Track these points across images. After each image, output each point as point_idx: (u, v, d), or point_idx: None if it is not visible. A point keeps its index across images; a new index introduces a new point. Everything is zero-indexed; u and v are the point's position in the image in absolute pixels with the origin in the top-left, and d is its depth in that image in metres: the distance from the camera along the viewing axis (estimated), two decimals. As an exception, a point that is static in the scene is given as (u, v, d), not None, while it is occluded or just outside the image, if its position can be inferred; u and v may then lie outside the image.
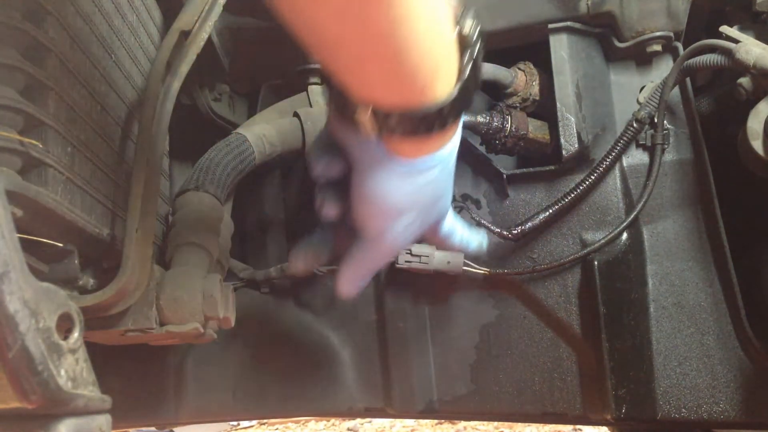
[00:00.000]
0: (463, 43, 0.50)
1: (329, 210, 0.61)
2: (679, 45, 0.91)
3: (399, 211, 0.57)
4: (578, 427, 2.12)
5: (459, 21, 0.49)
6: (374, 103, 0.48)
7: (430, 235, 0.68)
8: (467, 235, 0.73)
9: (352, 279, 0.64)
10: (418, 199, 0.57)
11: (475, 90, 0.52)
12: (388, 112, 0.48)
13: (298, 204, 1.09)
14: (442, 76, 0.48)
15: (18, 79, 0.56)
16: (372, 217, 0.58)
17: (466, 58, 0.50)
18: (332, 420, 3.00)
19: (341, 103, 0.51)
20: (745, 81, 0.82)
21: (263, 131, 0.94)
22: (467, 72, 0.50)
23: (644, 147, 0.93)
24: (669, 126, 0.93)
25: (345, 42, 0.43)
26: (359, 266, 0.63)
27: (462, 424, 2.73)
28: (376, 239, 0.60)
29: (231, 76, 1.03)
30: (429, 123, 0.49)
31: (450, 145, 0.56)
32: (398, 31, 0.42)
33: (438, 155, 0.54)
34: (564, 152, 0.91)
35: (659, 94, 0.90)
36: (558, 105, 0.91)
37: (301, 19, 0.43)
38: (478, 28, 0.50)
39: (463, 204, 0.99)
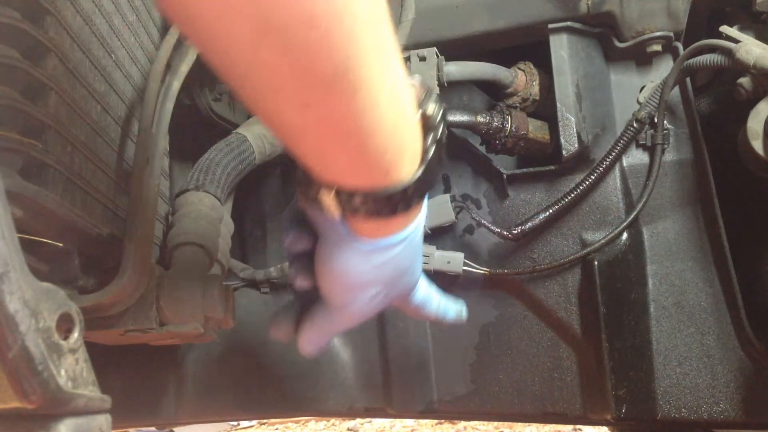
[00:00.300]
0: (427, 124, 0.50)
1: (302, 282, 0.61)
2: (679, 45, 0.91)
3: (361, 286, 0.57)
4: (578, 427, 2.12)
5: (422, 104, 0.50)
6: (337, 185, 0.48)
7: (401, 306, 0.69)
8: (444, 304, 0.73)
9: (313, 341, 0.64)
10: (380, 275, 0.57)
11: (440, 171, 0.52)
12: (351, 193, 0.48)
13: (298, 204, 1.09)
14: (406, 158, 0.48)
15: (18, 79, 0.56)
16: (335, 290, 0.58)
17: (430, 139, 0.50)
18: (332, 420, 3.00)
19: (305, 183, 0.50)
20: (745, 81, 0.82)
21: (263, 131, 0.94)
22: (431, 153, 0.50)
23: (644, 147, 0.93)
24: (669, 126, 0.93)
25: (308, 131, 0.43)
26: (322, 330, 0.63)
27: (462, 424, 2.73)
28: (340, 309, 0.60)
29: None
30: (393, 204, 0.49)
31: (414, 224, 0.55)
32: (362, 119, 0.42)
33: (401, 234, 0.54)
34: (564, 152, 0.91)
35: (659, 94, 0.90)
36: (558, 105, 0.91)
37: (264, 108, 0.42)
38: (441, 110, 0.51)
39: (463, 204, 0.99)
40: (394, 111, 0.44)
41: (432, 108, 0.50)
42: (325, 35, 0.35)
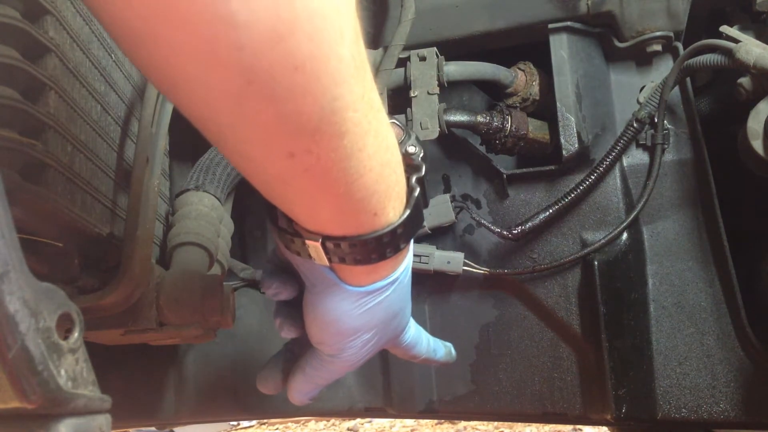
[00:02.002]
0: (409, 163, 0.50)
1: (288, 332, 0.61)
2: (679, 45, 0.91)
3: (353, 332, 0.56)
4: (578, 427, 2.12)
5: (402, 143, 0.50)
6: (323, 234, 0.47)
7: (392, 348, 0.68)
8: (433, 343, 0.72)
9: (304, 391, 0.64)
10: (372, 320, 0.56)
11: (423, 210, 0.52)
12: (338, 240, 0.47)
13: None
14: (393, 199, 0.47)
15: (18, 79, 0.56)
16: (326, 339, 0.57)
17: (414, 178, 0.50)
18: (332, 420, 3.00)
19: (288, 233, 0.49)
20: (745, 81, 0.82)
21: (263, 131, 0.94)
22: (416, 192, 0.50)
23: (644, 147, 0.93)
24: (669, 126, 0.93)
25: (293, 182, 0.41)
26: (313, 380, 0.62)
27: (462, 424, 2.73)
28: (331, 357, 0.59)
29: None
30: (382, 248, 0.48)
31: (403, 265, 0.55)
32: (349, 163, 0.41)
33: (391, 277, 0.54)
34: (564, 152, 0.91)
35: (659, 94, 0.90)
36: (558, 105, 0.91)
37: (247, 160, 0.40)
38: (422, 152, 0.51)
39: (463, 204, 0.99)
40: (380, 152, 0.43)
41: (413, 147, 0.50)
42: (311, 78, 0.35)
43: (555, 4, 0.91)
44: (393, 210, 0.48)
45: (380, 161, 0.44)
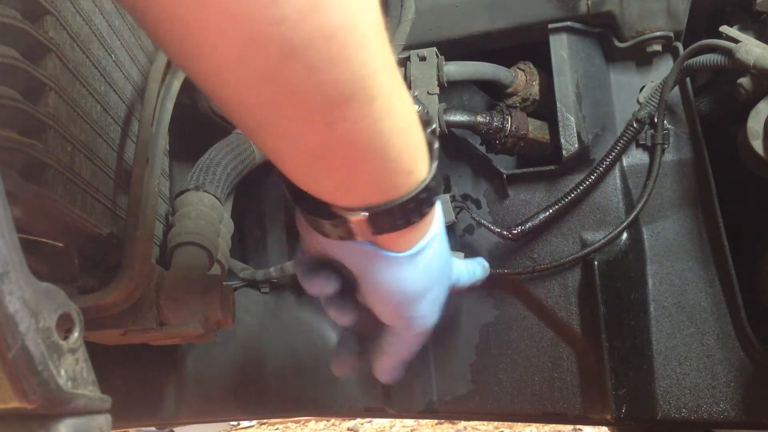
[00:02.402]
0: (422, 118, 0.50)
1: (345, 322, 0.61)
2: (679, 45, 0.90)
3: (421, 294, 0.56)
4: (578, 427, 2.12)
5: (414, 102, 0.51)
6: (365, 206, 0.48)
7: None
8: (470, 267, 0.72)
9: (392, 369, 0.64)
10: (432, 275, 0.56)
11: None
12: (384, 209, 0.48)
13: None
14: (420, 155, 0.49)
15: (18, 79, 0.56)
16: (397, 311, 0.57)
17: (429, 131, 0.51)
18: (332, 420, 3.00)
19: (328, 218, 0.49)
20: (745, 81, 0.82)
21: (263, 131, 0.94)
22: (436, 143, 0.51)
23: (644, 147, 0.93)
24: (669, 126, 0.93)
25: (332, 153, 0.43)
26: (397, 357, 0.63)
27: (462, 424, 2.73)
28: (407, 327, 0.59)
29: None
30: (420, 205, 0.49)
31: (438, 215, 0.55)
32: (383, 125, 0.43)
33: (434, 228, 0.55)
34: (564, 152, 0.91)
35: (659, 94, 0.90)
36: (558, 105, 0.91)
37: (287, 140, 0.42)
38: (425, 107, 0.53)
39: (463, 204, 0.99)
40: (405, 112, 0.45)
41: (417, 105, 0.51)
42: (344, 46, 0.37)
43: (555, 4, 0.91)
44: (423, 165, 0.49)
45: (407, 121, 0.46)
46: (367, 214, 0.48)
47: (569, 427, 2.14)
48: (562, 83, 0.91)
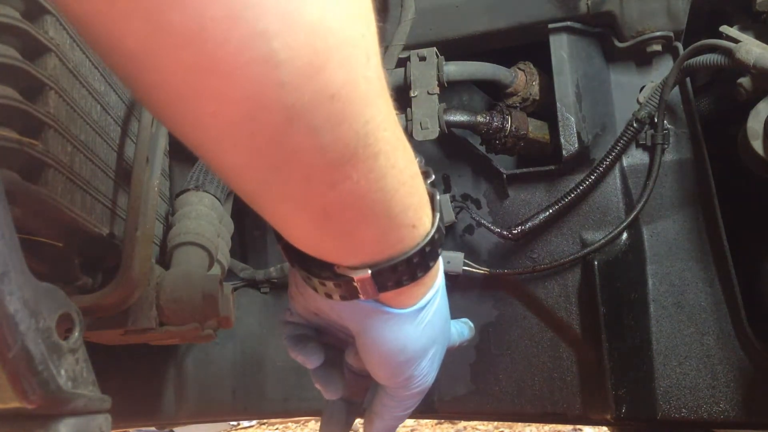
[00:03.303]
0: (422, 170, 0.50)
1: (332, 394, 0.61)
2: (679, 45, 0.90)
3: (422, 353, 0.55)
4: (578, 427, 2.12)
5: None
6: (369, 263, 0.46)
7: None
8: (459, 328, 0.72)
9: (388, 431, 0.62)
10: (434, 332, 0.55)
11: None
12: (387, 266, 0.46)
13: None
14: (424, 207, 0.48)
15: (18, 79, 0.56)
16: (395, 372, 0.55)
17: (429, 182, 0.50)
18: (332, 420, 3.00)
19: (325, 276, 0.48)
20: (745, 81, 0.82)
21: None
22: (437, 195, 0.50)
23: (644, 147, 0.93)
24: (669, 126, 0.93)
25: (336, 213, 0.41)
26: (393, 420, 0.61)
27: (462, 424, 2.73)
28: (404, 388, 0.58)
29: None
30: (425, 259, 0.48)
31: (441, 269, 0.54)
32: (386, 182, 0.41)
33: (435, 285, 0.53)
34: (564, 152, 0.91)
35: (659, 94, 0.90)
36: (558, 105, 0.91)
37: (287, 202, 0.40)
38: (424, 161, 0.52)
39: (463, 204, 0.99)
40: (408, 165, 0.44)
41: (417, 155, 0.51)
42: (346, 104, 0.35)
43: (555, 4, 0.91)
44: (426, 217, 0.48)
45: (409, 174, 0.44)
46: (370, 271, 0.46)
47: (569, 427, 2.14)
48: (562, 83, 0.91)
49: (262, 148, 0.35)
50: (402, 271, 0.47)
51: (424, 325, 0.53)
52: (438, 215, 0.49)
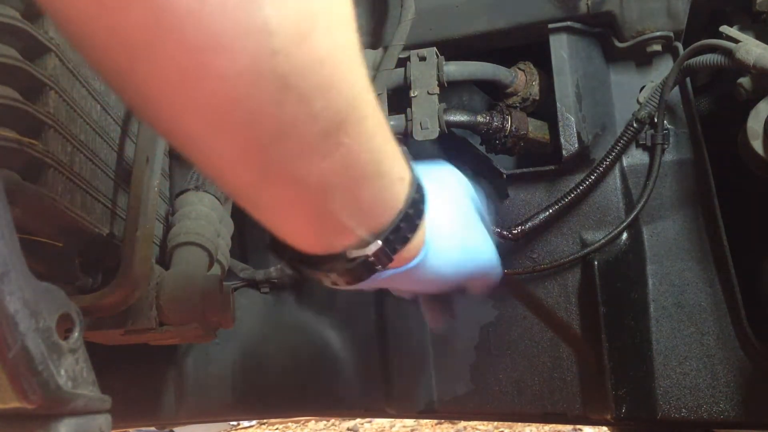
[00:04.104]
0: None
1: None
2: (679, 45, 0.90)
3: (462, 260, 0.59)
4: (578, 427, 2.12)
5: None
6: (375, 231, 0.47)
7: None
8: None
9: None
10: (455, 231, 0.58)
11: None
12: (390, 229, 0.47)
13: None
14: (400, 157, 0.48)
15: (18, 79, 0.56)
16: (462, 282, 0.63)
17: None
18: (332, 420, 3.00)
19: (331, 267, 0.48)
20: (745, 81, 0.82)
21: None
22: (404, 147, 0.51)
23: (644, 147, 0.93)
24: (669, 126, 0.93)
25: (333, 182, 0.41)
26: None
27: (462, 424, 2.73)
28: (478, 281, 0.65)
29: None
30: (417, 204, 0.49)
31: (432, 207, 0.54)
32: (374, 143, 0.43)
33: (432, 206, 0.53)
34: (564, 152, 0.91)
35: (659, 94, 0.90)
36: (558, 105, 0.91)
37: (287, 177, 0.40)
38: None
39: (463, 204, 0.99)
40: (385, 122, 0.45)
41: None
42: (335, 68, 0.36)
43: (555, 4, 0.91)
44: (406, 167, 0.49)
45: (390, 132, 0.46)
46: (380, 241, 0.47)
47: (569, 427, 2.14)
48: (562, 83, 0.91)
49: (258, 124, 0.35)
50: (404, 228, 0.48)
51: (445, 244, 0.56)
52: (411, 161, 0.50)
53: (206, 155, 0.39)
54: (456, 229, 0.60)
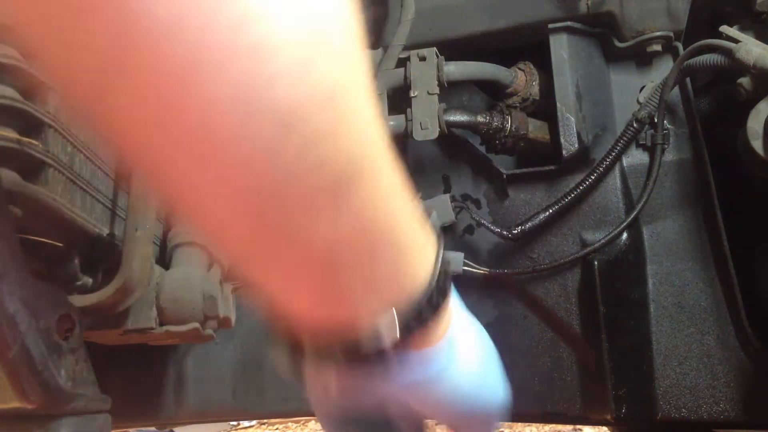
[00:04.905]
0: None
1: None
2: (679, 45, 0.90)
3: (477, 376, 0.49)
4: (578, 427, 2.12)
5: None
6: (393, 300, 0.38)
7: None
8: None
9: None
10: (475, 348, 0.50)
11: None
12: (412, 303, 0.39)
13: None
14: (425, 235, 0.41)
15: (18, 79, 0.56)
16: (458, 412, 0.48)
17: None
18: (332, 420, 3.00)
19: (349, 344, 0.38)
20: (745, 81, 0.82)
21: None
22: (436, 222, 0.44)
23: (644, 147, 0.93)
24: (669, 126, 0.93)
25: (350, 241, 0.33)
26: None
27: (462, 424, 2.72)
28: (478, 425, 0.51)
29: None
30: (445, 281, 0.42)
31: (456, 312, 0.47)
32: (391, 204, 0.35)
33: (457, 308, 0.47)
34: (564, 152, 0.91)
35: (659, 94, 0.90)
36: (558, 105, 0.91)
37: (296, 237, 0.32)
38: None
39: (463, 204, 0.99)
40: (402, 179, 0.37)
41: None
42: (347, 104, 0.30)
43: (555, 4, 0.91)
44: (429, 247, 0.42)
45: (407, 190, 0.37)
46: (394, 315, 0.38)
47: (569, 427, 2.14)
48: (562, 83, 0.91)
49: (253, 170, 0.28)
50: (424, 308, 0.39)
51: (462, 349, 0.47)
52: (439, 236, 0.42)
53: (190, 203, 0.31)
54: (479, 351, 0.51)
